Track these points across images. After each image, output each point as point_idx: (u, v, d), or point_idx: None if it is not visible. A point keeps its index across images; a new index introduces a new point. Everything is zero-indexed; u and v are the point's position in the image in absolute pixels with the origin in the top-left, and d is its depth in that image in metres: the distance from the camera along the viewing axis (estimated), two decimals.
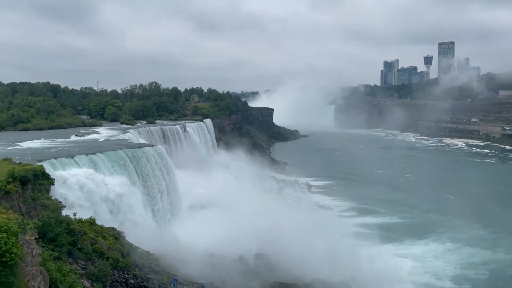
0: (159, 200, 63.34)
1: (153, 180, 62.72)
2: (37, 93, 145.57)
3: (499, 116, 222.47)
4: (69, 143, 71.14)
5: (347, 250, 64.22)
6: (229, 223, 61.77)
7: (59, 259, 30.63)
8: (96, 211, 45.45)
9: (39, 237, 29.00)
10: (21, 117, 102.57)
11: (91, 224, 40.47)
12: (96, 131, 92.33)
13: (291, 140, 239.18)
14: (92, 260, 35.28)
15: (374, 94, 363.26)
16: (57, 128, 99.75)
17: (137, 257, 40.96)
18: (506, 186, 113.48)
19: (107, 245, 38.48)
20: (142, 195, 58.36)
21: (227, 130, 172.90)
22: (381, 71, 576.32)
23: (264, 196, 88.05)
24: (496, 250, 69.67)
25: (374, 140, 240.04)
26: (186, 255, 47.85)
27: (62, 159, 49.70)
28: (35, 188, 38.64)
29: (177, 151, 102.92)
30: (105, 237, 39.95)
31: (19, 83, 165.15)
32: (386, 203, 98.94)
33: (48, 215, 34.11)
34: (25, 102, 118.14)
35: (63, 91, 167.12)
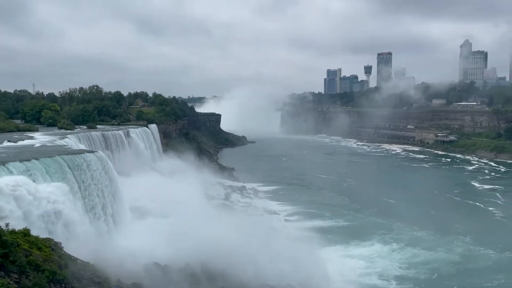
0: (100, 209, 60.79)
1: (93, 187, 60.08)
2: None
3: (432, 123, 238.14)
4: (1, 149, 66.36)
5: (294, 254, 65.40)
6: (175, 230, 60.68)
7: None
8: (30, 221, 42.72)
9: None
10: None
11: (25, 235, 37.96)
12: (32, 136, 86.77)
13: (239, 146, 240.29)
14: (26, 273, 33.14)
15: (318, 101, 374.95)
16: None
17: (76, 268, 39.03)
18: (440, 190, 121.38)
19: (43, 257, 36.30)
20: (81, 203, 55.72)
21: (173, 135, 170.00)
22: (324, 79, 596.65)
23: (211, 202, 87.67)
24: (436, 250, 74.10)
25: (318, 146, 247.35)
26: (129, 265, 46.33)
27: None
28: None
29: (120, 157, 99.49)
30: (40, 248, 37.66)
31: None
32: (330, 207, 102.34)
33: None
34: None
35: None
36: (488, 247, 74.28)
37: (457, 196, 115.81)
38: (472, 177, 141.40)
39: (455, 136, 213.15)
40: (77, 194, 55.06)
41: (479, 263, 69.29)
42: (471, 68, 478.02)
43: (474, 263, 69.23)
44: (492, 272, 65.80)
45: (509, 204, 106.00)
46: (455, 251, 73.52)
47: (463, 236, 79.29)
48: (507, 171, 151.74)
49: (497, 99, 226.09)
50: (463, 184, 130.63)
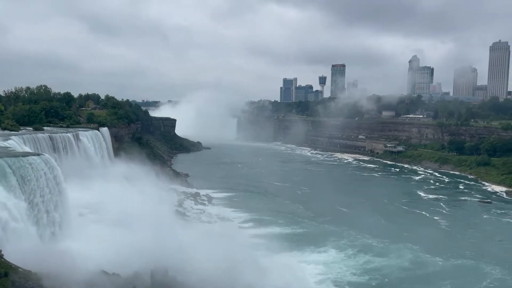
0: (45, 214, 57.80)
1: (38, 192, 57.06)
2: None
3: (382, 134, 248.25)
4: None
5: (248, 261, 65.42)
6: (123, 237, 58.87)
7: None
8: None
9: None
10: None
11: None
12: None
13: (193, 152, 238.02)
14: None
15: (275, 109, 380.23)
16: None
17: (17, 277, 36.93)
18: (389, 199, 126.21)
19: None
20: (25, 208, 52.74)
21: (125, 140, 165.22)
22: (280, 87, 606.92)
23: (163, 209, 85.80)
24: (387, 257, 77.22)
25: (274, 153, 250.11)
26: (75, 273, 44.34)
27: None
28: None
29: (68, 161, 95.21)
30: None
31: None
32: (285, 215, 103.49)
33: None
34: None
35: None
36: (435, 255, 78.23)
37: (405, 205, 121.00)
38: (419, 186, 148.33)
39: (403, 147, 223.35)
40: (20, 199, 52.10)
41: (428, 269, 72.83)
42: (418, 82, 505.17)
43: (422, 269, 72.66)
44: (440, 278, 69.39)
45: (452, 213, 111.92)
46: (405, 258, 76.81)
47: (411, 244, 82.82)
48: (450, 181, 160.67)
49: (442, 113, 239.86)
50: (410, 194, 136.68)
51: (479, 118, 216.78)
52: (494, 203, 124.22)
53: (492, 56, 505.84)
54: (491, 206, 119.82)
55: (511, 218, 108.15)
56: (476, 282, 67.88)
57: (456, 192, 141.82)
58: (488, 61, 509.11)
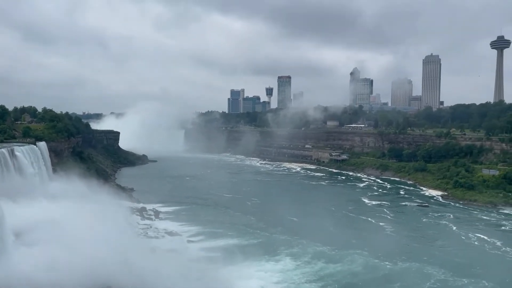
0: None
1: None
2: None
3: (327, 143, 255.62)
4: None
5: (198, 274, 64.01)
6: (63, 258, 55.49)
7: None
8: None
9: None
10: None
11: None
12: None
13: (139, 165, 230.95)
14: None
15: (223, 121, 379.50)
16: None
17: None
18: (336, 207, 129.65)
19: None
20: None
21: (65, 154, 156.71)
22: (228, 98, 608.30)
23: (108, 225, 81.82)
24: (338, 263, 79.57)
25: (223, 164, 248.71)
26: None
27: None
28: None
29: (3, 178, 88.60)
30: None
31: None
32: (237, 226, 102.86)
33: None
34: None
35: None
36: (383, 259, 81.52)
37: (352, 212, 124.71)
38: (363, 193, 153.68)
39: (346, 155, 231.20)
40: None
41: (378, 273, 75.72)
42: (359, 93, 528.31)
43: (374, 273, 75.50)
44: (389, 280, 72.41)
45: (395, 219, 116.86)
46: (356, 263, 79.43)
47: (361, 250, 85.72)
48: (392, 187, 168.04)
49: (381, 122, 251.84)
50: (356, 201, 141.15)
51: (415, 127, 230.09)
52: (432, 206, 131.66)
53: (425, 69, 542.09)
54: (429, 210, 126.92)
55: (447, 220, 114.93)
56: (422, 283, 71.51)
57: (397, 197, 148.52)
58: (422, 73, 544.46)
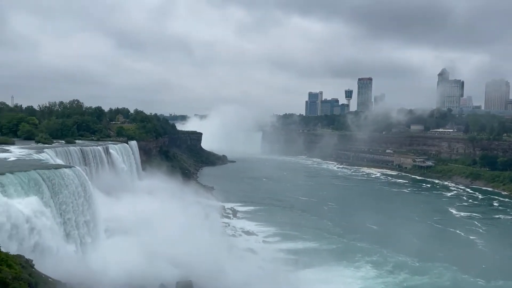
0: (75, 226, 59.12)
1: (69, 203, 58.52)
2: None
3: (410, 148, 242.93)
4: None
5: (272, 275, 64.74)
6: (151, 250, 59.49)
7: None
8: (1, 237, 41.22)
9: None
10: None
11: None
12: (7, 150, 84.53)
13: (219, 165, 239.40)
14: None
15: (300, 123, 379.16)
16: None
17: (47, 287, 37.65)
18: (420, 216, 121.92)
19: (12, 275, 34.86)
20: (56, 219, 54.10)
21: (153, 153, 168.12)
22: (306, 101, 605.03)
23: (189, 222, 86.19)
24: (423, 275, 74.66)
25: (299, 167, 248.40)
26: (103, 284, 44.99)
27: None
28: None
29: (98, 173, 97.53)
30: (10, 265, 36.20)
31: None
32: (312, 230, 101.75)
33: None
34: None
35: None
36: (475, 275, 74.96)
37: (438, 223, 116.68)
38: (451, 203, 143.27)
39: (432, 161, 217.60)
40: (52, 210, 53.50)
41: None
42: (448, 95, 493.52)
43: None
44: None
45: (488, 233, 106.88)
46: (444, 277, 74.02)
47: (449, 264, 79.54)
48: (483, 198, 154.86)
49: (473, 127, 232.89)
50: (442, 211, 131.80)
51: None
52: None
53: None
54: None
55: None
56: None
57: (490, 209, 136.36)
58: None
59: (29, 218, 46.67)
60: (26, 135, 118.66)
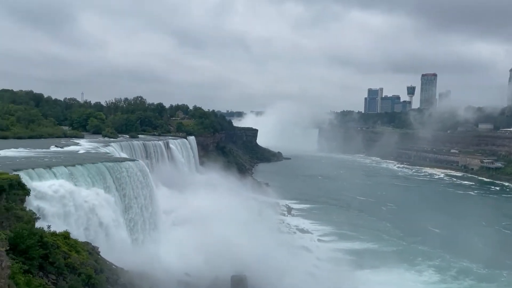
0: (137, 216, 62.12)
1: (132, 195, 61.60)
2: (19, 101, 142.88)
3: (478, 148, 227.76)
4: (48, 153, 69.62)
5: (327, 274, 63.87)
6: (207, 243, 60.93)
7: (29, 273, 29.56)
8: (71, 225, 44.23)
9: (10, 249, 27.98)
10: (0, 125, 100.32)
11: (65, 237, 39.28)
12: (77, 143, 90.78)
13: (274, 162, 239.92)
14: (63, 275, 34.14)
15: (358, 121, 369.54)
16: (37, 138, 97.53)
17: (111, 274, 39.84)
18: (488, 221, 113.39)
19: (80, 260, 37.33)
20: (120, 210, 57.17)
21: (210, 148, 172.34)
22: (365, 98, 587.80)
23: (245, 217, 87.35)
24: (494, 283, 70.13)
25: (356, 166, 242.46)
26: (161, 274, 46.81)
27: (40, 170, 48.47)
28: (9, 198, 37.43)
29: (158, 167, 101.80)
30: (78, 251, 38.79)
31: (1, 90, 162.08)
32: (369, 231, 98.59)
33: (21, 226, 33.03)
34: (5, 110, 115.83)
35: (45, 100, 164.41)
36: None
37: (507, 228, 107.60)
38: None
39: (501, 163, 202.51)
40: (116, 201, 56.59)
41: None
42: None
43: None
44: None
45: None
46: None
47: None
48: None
49: None
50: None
51: None
52: None
53: None
54: None
55: None
56: None
57: None
58: None
59: (96, 208, 49.67)
60: (94, 129, 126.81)
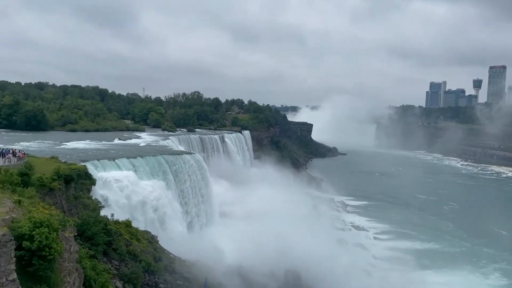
0: (194, 208, 63.94)
1: (189, 187, 63.49)
2: (86, 96, 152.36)
3: None
4: (112, 145, 73.58)
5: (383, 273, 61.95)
6: (260, 236, 61.25)
7: (94, 258, 31.33)
8: (132, 214, 46.39)
9: (78, 235, 29.77)
10: (70, 118, 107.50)
11: (127, 226, 41.25)
12: (138, 136, 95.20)
13: (329, 157, 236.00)
14: (125, 262, 35.87)
15: (419, 115, 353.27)
16: (102, 131, 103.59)
17: (169, 262, 41.25)
18: None
19: (140, 248, 39.03)
20: (177, 201, 59.14)
21: (264, 143, 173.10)
22: (426, 92, 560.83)
23: (298, 212, 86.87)
24: None
25: (416, 163, 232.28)
26: (216, 265, 47.74)
27: (105, 161, 51.32)
28: (77, 187, 39.85)
29: (214, 160, 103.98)
30: (139, 239, 40.56)
31: (70, 86, 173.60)
32: (429, 231, 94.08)
33: (88, 214, 35.10)
34: (74, 104, 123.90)
35: (110, 95, 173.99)
36: None
37: None
38: None
39: None
40: (174, 192, 58.60)
41: None
42: None
43: None
44: None
45: None
46: None
47: None
48: None
49: None
50: None
51: None
52: None
53: None
54: None
55: None
56: None
57: None
58: None
59: (155, 198, 51.70)
60: (154, 123, 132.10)
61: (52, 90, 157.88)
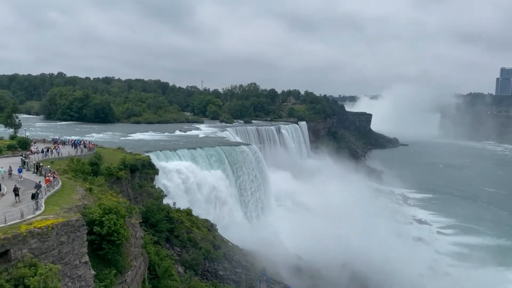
0: (251, 197, 64.83)
1: (246, 177, 64.43)
2: (149, 89, 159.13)
3: None
4: (173, 137, 76.52)
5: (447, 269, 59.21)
6: (319, 228, 60.78)
7: (158, 244, 32.91)
8: (192, 202, 48.00)
9: (142, 222, 31.38)
10: (134, 111, 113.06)
11: (188, 214, 42.76)
12: (198, 128, 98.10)
13: (389, 148, 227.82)
14: (186, 248, 37.30)
15: (488, 104, 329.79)
16: (164, 123, 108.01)
17: (227, 250, 42.27)
18: None
19: (200, 236, 40.34)
20: (235, 190, 60.31)
21: (321, 133, 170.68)
22: (497, 78, 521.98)
23: (357, 204, 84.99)
24: None
25: (485, 154, 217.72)
26: (273, 254, 48.17)
27: (167, 152, 53.50)
28: (142, 176, 41.87)
29: (270, 151, 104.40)
30: (199, 227, 41.91)
31: (134, 80, 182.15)
32: (499, 226, 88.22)
33: (152, 202, 36.84)
34: (138, 98, 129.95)
35: (170, 88, 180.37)
36: None
37: None
38: None
39: None
40: (232, 182, 59.79)
41: None
42: None
43: None
44: None
45: None
46: None
47: None
48: None
49: None
50: None
51: None
52: None
53: None
54: None
55: None
56: None
57: None
58: None
59: (215, 188, 53.08)
60: (212, 115, 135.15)
61: (118, 84, 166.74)
